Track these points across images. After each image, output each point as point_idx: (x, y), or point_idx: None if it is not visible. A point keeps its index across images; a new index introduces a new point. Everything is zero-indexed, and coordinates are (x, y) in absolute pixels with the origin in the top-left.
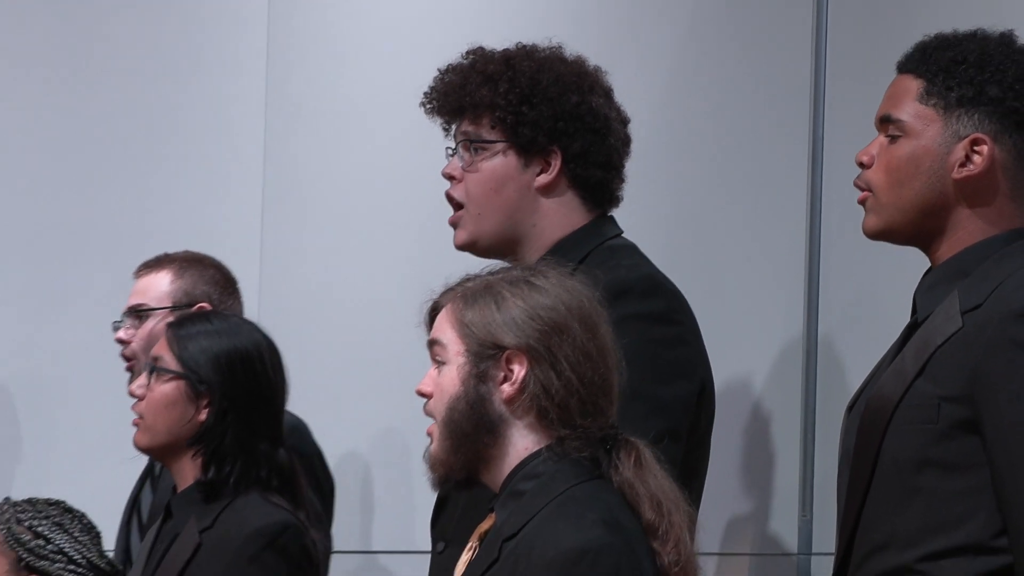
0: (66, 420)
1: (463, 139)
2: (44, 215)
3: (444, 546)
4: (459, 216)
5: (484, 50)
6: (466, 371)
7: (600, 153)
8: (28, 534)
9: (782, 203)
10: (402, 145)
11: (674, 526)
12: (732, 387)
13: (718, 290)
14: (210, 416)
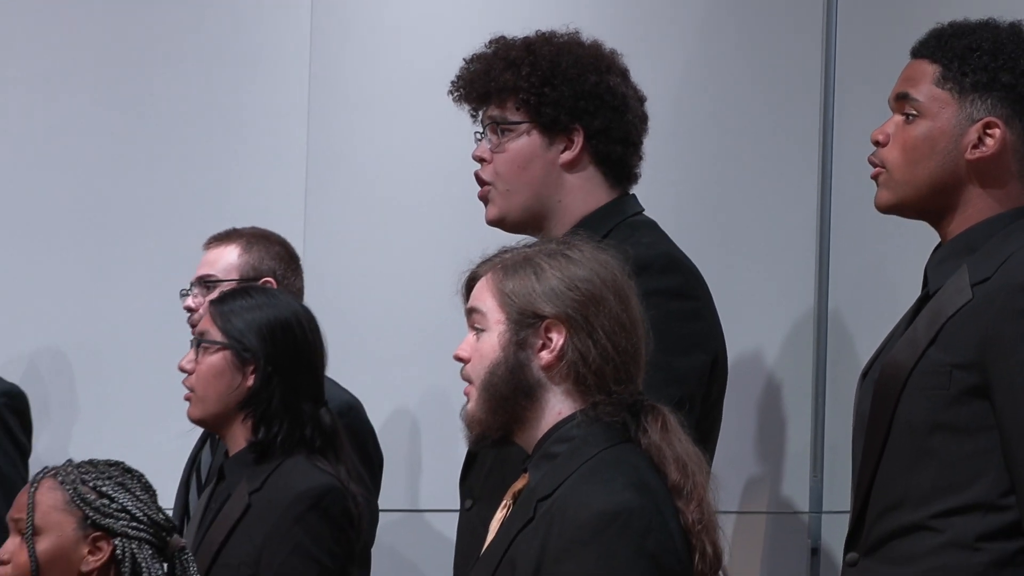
0: (121, 386)
1: (490, 122)
2: (103, 194)
3: (472, 503)
4: (487, 191)
5: (506, 38)
6: (506, 338)
7: (620, 129)
8: (93, 494)
9: (794, 180)
10: (437, 127)
11: (697, 487)
12: (746, 355)
13: (734, 263)
14: (257, 381)
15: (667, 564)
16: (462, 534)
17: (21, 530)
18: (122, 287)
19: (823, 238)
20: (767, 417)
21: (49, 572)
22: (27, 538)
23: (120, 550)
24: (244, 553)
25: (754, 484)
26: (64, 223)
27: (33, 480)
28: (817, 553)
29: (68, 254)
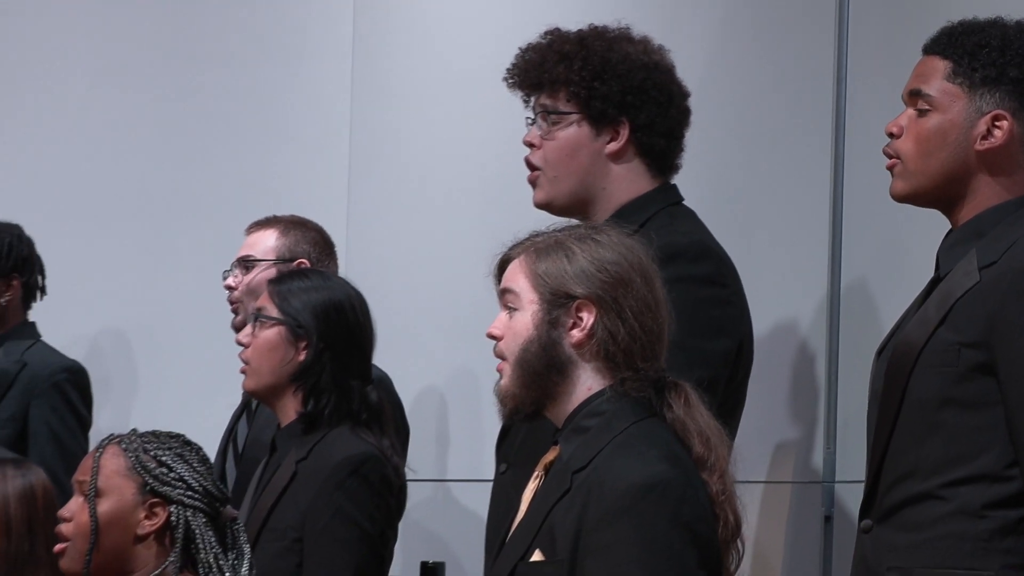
0: (176, 362)
1: (541, 111)
2: (160, 184)
3: (506, 468)
4: (537, 176)
5: (560, 31)
6: (539, 317)
7: (663, 124)
8: (153, 462)
9: (808, 168)
10: (473, 119)
11: (720, 459)
12: (764, 335)
13: (752, 247)
14: (308, 356)
15: (700, 532)
16: (496, 496)
17: (84, 491)
18: (177, 270)
19: (836, 224)
20: (784, 392)
21: (107, 532)
22: (89, 499)
23: (175, 516)
24: (290, 518)
25: (771, 455)
26: (123, 212)
27: (99, 445)
28: (831, 520)
29: (127, 240)
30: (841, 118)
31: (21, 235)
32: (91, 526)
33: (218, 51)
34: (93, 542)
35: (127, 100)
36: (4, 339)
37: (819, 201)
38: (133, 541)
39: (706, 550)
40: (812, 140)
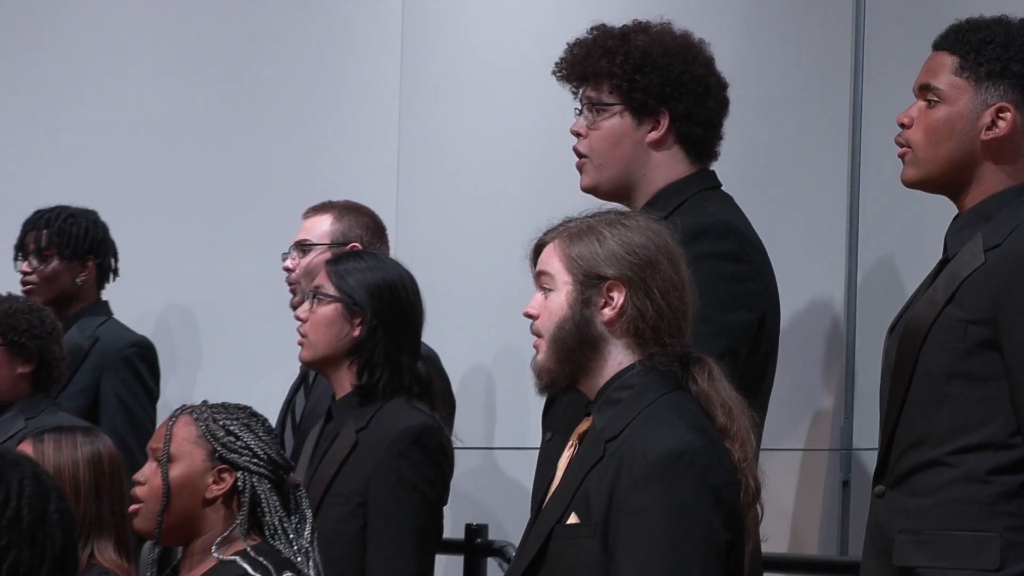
0: (238, 338)
1: (587, 102)
2: (222, 171)
3: (551, 436)
4: (583, 163)
5: (605, 26)
6: (573, 297)
7: (701, 114)
8: (221, 431)
9: (828, 155)
10: (516, 107)
11: (741, 428)
12: (785, 312)
13: (776, 227)
14: (363, 332)
15: (726, 496)
16: (542, 462)
17: (158, 457)
18: (238, 252)
19: (853, 208)
20: (805, 366)
21: (178, 495)
22: (162, 464)
23: (241, 482)
24: (354, 484)
25: (794, 425)
26: (189, 198)
27: (172, 415)
28: (848, 485)
29: (193, 225)
30: (858, 109)
31: (97, 220)
32: (163, 489)
33: (277, 49)
34: (165, 504)
35: (193, 95)
36: (79, 316)
37: (837, 187)
38: (202, 504)
39: (731, 514)
40: (831, 129)
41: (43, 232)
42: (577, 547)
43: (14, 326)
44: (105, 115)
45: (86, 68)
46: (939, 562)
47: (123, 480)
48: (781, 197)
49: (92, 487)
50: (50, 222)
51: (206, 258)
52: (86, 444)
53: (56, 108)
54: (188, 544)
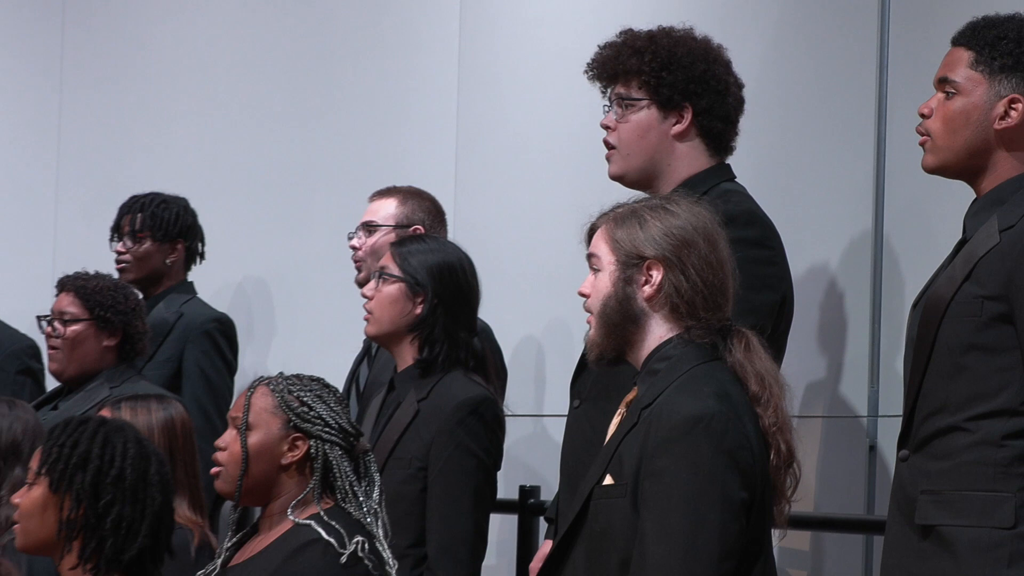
0: (307, 313)
1: (616, 98)
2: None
3: (579, 403)
4: (612, 154)
5: (632, 30)
6: (616, 276)
7: (721, 109)
8: (296, 402)
9: (854, 145)
10: (567, 98)
11: (773, 396)
12: (816, 288)
13: (806, 208)
14: (424, 310)
15: (742, 459)
16: (570, 428)
17: (237, 425)
18: (310, 234)
19: (878, 193)
20: (833, 337)
21: (256, 461)
22: (241, 432)
23: (314, 449)
24: (415, 449)
25: (822, 392)
26: (267, 180)
27: (251, 385)
28: (874, 450)
29: (270, 205)
30: (883, 101)
31: (187, 207)
32: (242, 455)
33: (346, 49)
34: (244, 469)
35: (271, 92)
36: (166, 294)
37: (864, 173)
38: (278, 470)
39: (747, 475)
40: (857, 120)
41: (137, 216)
42: (611, 506)
43: (101, 302)
44: (194, 109)
45: (177, 67)
46: (958, 520)
47: (194, 443)
48: (813, 181)
49: (166, 450)
50: (144, 207)
51: (280, 239)
52: (159, 410)
53: (151, 102)
54: (266, 506)
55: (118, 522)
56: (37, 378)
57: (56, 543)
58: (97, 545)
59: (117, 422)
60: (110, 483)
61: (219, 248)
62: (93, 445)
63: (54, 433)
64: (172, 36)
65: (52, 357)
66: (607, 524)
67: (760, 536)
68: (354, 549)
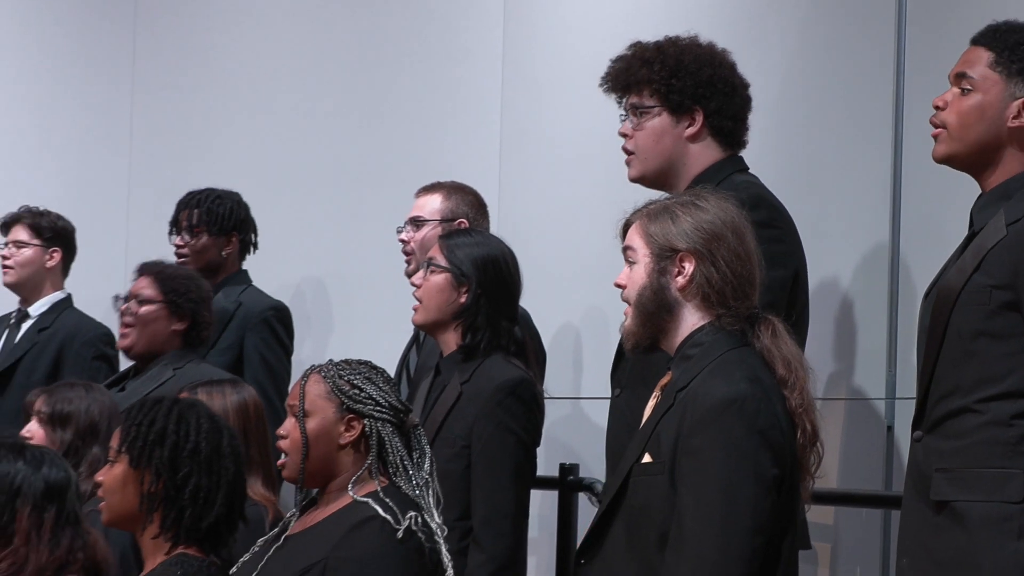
0: (360, 302)
1: (631, 107)
2: (349, 158)
3: (620, 391)
4: (631, 159)
5: (641, 42)
6: (651, 268)
7: (730, 109)
8: (347, 385)
9: (873, 146)
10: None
11: (799, 379)
12: (840, 277)
13: (828, 204)
14: (468, 299)
15: (773, 438)
16: (612, 414)
17: (295, 413)
18: (362, 228)
19: (896, 188)
20: (854, 326)
21: (315, 445)
22: (299, 419)
23: (368, 428)
24: (459, 429)
25: (843, 377)
26: (320, 182)
27: (304, 374)
28: (891, 430)
29: (323, 205)
30: (900, 105)
31: (240, 200)
32: (302, 441)
33: (396, 54)
34: (305, 454)
35: (325, 95)
36: (223, 284)
37: (882, 174)
38: (336, 450)
39: (778, 452)
40: (875, 124)
41: (194, 211)
42: (650, 482)
43: (175, 288)
44: (254, 113)
45: (239, 74)
46: (970, 496)
47: (266, 424)
48: (834, 180)
49: (240, 432)
50: (200, 202)
51: (335, 233)
52: (233, 394)
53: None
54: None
55: (196, 493)
56: (111, 363)
57: (138, 516)
58: (177, 515)
59: (189, 400)
60: (187, 457)
61: (279, 244)
62: (169, 422)
63: (131, 413)
64: (234, 45)
65: (123, 335)
66: (646, 500)
67: (790, 510)
68: (408, 524)
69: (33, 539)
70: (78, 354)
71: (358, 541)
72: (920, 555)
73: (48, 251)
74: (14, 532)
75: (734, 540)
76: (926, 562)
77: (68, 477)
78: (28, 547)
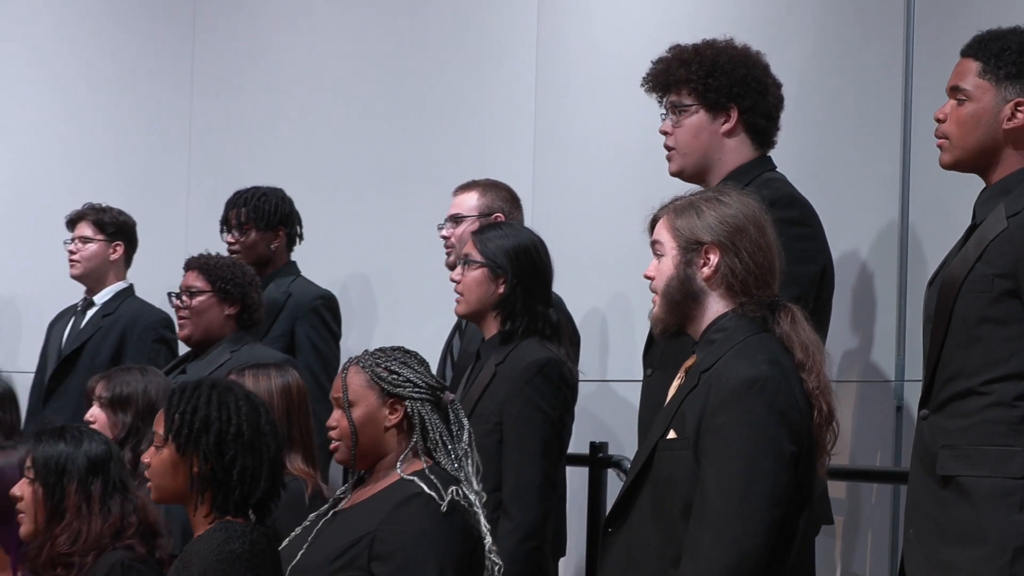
0: (404, 293)
1: (671, 106)
2: (389, 158)
3: (651, 372)
4: (672, 155)
5: (680, 45)
6: (678, 260)
7: (763, 107)
8: (385, 372)
9: (883, 143)
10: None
11: (816, 363)
12: (850, 271)
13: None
14: (506, 290)
15: (792, 417)
16: (644, 395)
17: (340, 404)
18: (406, 222)
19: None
20: (866, 313)
21: (363, 430)
22: (345, 409)
23: (410, 409)
24: (492, 407)
25: (857, 360)
26: (364, 180)
27: (343, 368)
28: (901, 410)
29: (368, 201)
30: (908, 105)
31: (284, 196)
32: (351, 429)
33: (435, 59)
34: (354, 440)
35: (369, 97)
36: (274, 276)
37: (891, 170)
38: (382, 432)
39: (796, 431)
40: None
41: (241, 209)
42: (674, 458)
43: (221, 276)
44: (305, 113)
45: (291, 77)
46: (975, 471)
47: (308, 404)
48: (847, 176)
49: (284, 411)
50: (247, 200)
51: (379, 228)
52: (277, 377)
53: (268, 107)
54: (375, 464)
55: (243, 473)
56: (171, 346)
57: (189, 496)
58: (226, 495)
59: (224, 382)
60: (231, 440)
61: (327, 239)
62: (211, 409)
63: (173, 400)
64: (286, 52)
65: (182, 325)
66: (671, 473)
67: (807, 485)
68: (451, 499)
69: (84, 512)
70: (139, 338)
71: (404, 516)
72: (926, 526)
73: (111, 245)
74: (66, 508)
75: (754, 512)
76: (932, 533)
77: (108, 450)
78: (80, 520)
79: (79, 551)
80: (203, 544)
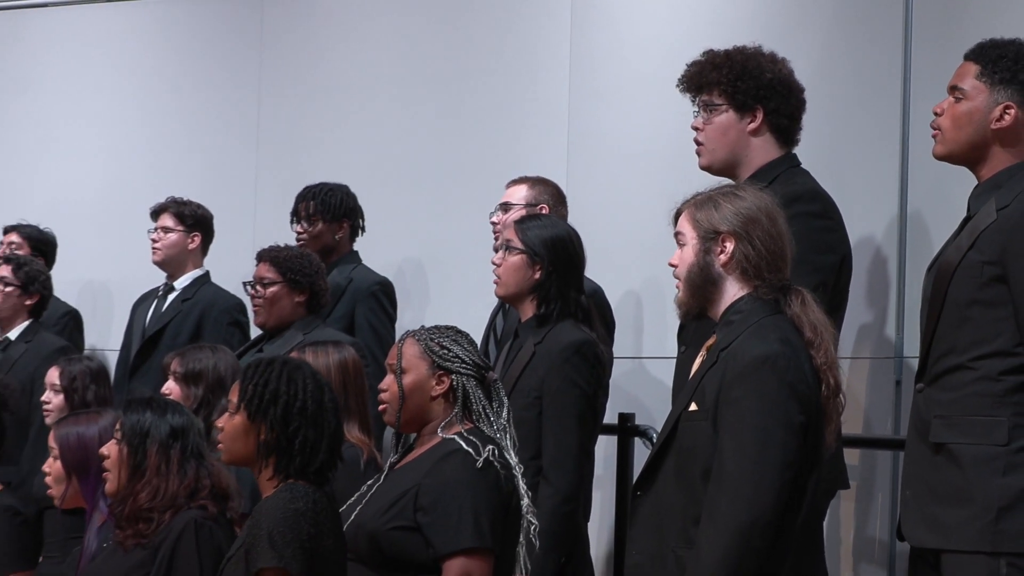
0: (454, 277)
1: (702, 104)
2: (442, 155)
3: (685, 348)
4: (701, 150)
5: (713, 50)
6: (698, 248)
7: (787, 109)
8: (437, 346)
9: (884, 139)
10: (659, 105)
11: (824, 341)
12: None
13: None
14: (542, 275)
15: (800, 390)
16: (678, 369)
17: (393, 370)
18: (454, 213)
19: (903, 178)
20: (868, 296)
21: (411, 396)
22: (397, 375)
23: (455, 382)
24: (532, 382)
25: (861, 339)
26: (420, 174)
27: (400, 338)
28: (900, 384)
29: (423, 193)
30: (907, 104)
31: (348, 191)
32: (400, 393)
33: (479, 66)
34: (402, 404)
35: (421, 100)
36: (337, 263)
37: (891, 164)
38: (429, 400)
39: (805, 403)
40: (885, 120)
41: (310, 203)
42: (695, 428)
43: (291, 267)
44: (363, 115)
45: (351, 82)
46: (963, 439)
47: (364, 378)
48: (850, 170)
49: (340, 384)
50: (315, 195)
51: (431, 218)
52: (335, 353)
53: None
54: (420, 429)
55: (304, 443)
56: (244, 329)
57: (255, 460)
58: (288, 461)
59: (295, 361)
60: (296, 413)
61: (384, 228)
62: (280, 383)
63: (248, 372)
64: (347, 57)
65: (256, 313)
66: (692, 442)
67: (815, 452)
68: (487, 455)
69: (163, 471)
70: (216, 321)
71: (444, 469)
72: (921, 488)
73: (190, 235)
74: (147, 468)
75: (766, 475)
76: (926, 494)
77: (190, 420)
78: (159, 478)
79: (157, 507)
80: (271, 503)
